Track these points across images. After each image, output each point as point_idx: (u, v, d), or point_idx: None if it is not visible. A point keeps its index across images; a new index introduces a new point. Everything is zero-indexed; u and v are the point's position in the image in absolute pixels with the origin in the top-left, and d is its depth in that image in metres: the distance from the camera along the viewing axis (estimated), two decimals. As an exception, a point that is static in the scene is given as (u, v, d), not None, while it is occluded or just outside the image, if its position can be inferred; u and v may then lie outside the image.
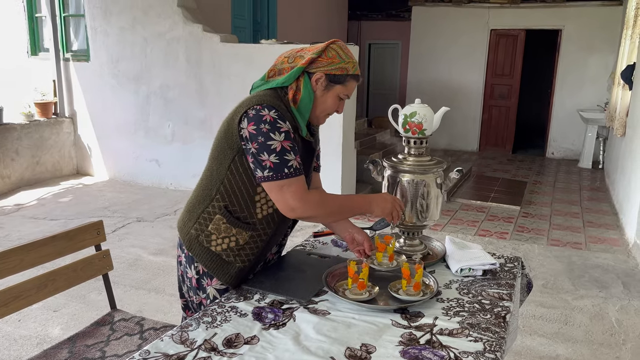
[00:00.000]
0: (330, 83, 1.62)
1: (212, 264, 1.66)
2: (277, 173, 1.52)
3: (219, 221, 1.64)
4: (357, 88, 5.68)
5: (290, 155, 1.53)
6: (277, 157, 1.52)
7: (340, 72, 1.61)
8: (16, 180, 5.96)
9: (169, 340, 1.36)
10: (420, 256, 1.86)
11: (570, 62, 8.55)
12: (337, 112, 1.71)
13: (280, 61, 1.67)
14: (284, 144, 1.52)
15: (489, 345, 1.34)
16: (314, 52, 1.61)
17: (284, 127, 1.53)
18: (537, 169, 7.93)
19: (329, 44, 1.64)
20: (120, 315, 2.06)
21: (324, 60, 1.61)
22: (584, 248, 4.48)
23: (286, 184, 1.54)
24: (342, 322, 1.46)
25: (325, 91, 1.63)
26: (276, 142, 1.52)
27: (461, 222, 5.15)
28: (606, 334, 3.04)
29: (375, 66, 10.99)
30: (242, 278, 1.69)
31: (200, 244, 1.67)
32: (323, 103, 1.65)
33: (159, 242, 4.36)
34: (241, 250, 1.65)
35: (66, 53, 6.52)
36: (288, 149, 1.53)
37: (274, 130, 1.52)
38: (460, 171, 1.78)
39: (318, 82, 1.62)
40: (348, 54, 1.64)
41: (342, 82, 1.63)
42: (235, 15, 6.97)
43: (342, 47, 1.64)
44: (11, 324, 3.02)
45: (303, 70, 1.61)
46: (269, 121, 1.52)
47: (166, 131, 6.07)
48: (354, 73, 1.65)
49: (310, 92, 1.62)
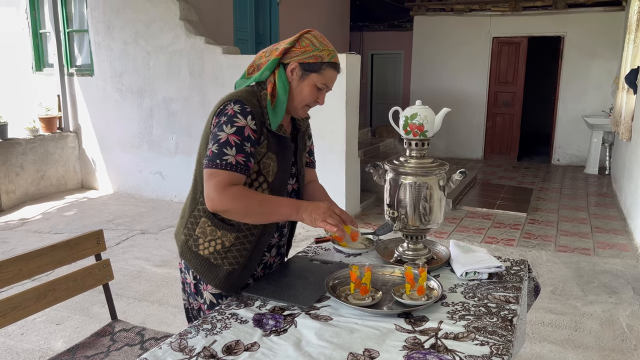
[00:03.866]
0: (305, 72, 1.60)
1: (201, 268, 1.65)
2: (211, 162, 1.50)
3: (204, 224, 1.63)
4: (360, 97, 5.71)
5: (231, 150, 1.50)
6: (217, 147, 1.50)
7: (315, 60, 1.58)
8: (21, 195, 5.97)
9: (167, 348, 1.33)
10: (425, 260, 1.83)
11: (574, 68, 8.53)
12: (318, 103, 1.67)
13: (259, 57, 1.66)
14: (231, 137, 1.51)
15: (495, 349, 1.31)
16: (287, 42, 1.60)
17: (240, 122, 1.52)
18: (543, 176, 7.87)
19: (302, 33, 1.62)
20: (121, 325, 2.03)
21: (297, 50, 1.59)
22: (592, 254, 4.42)
23: (214, 174, 1.50)
24: (344, 327, 1.43)
25: (301, 81, 1.61)
26: (224, 134, 1.51)
27: (467, 229, 5.10)
28: (617, 340, 2.98)
29: (378, 76, 11.01)
30: (234, 282, 1.66)
31: (189, 248, 1.66)
32: (300, 94, 1.62)
33: (162, 254, 4.34)
34: (228, 253, 1.63)
35: (70, 68, 6.57)
36: (232, 144, 1.50)
37: (229, 122, 1.52)
38: (464, 172, 1.75)
39: (293, 73, 1.60)
40: (323, 42, 1.61)
41: (317, 71, 1.60)
42: (238, 28, 7.00)
43: (316, 36, 1.62)
44: (14, 338, 2.99)
45: (278, 61, 1.59)
46: (229, 114, 1.53)
47: (170, 144, 6.08)
48: (330, 61, 1.61)
49: (285, 83, 1.60)
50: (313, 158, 1.91)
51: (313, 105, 1.67)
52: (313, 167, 1.90)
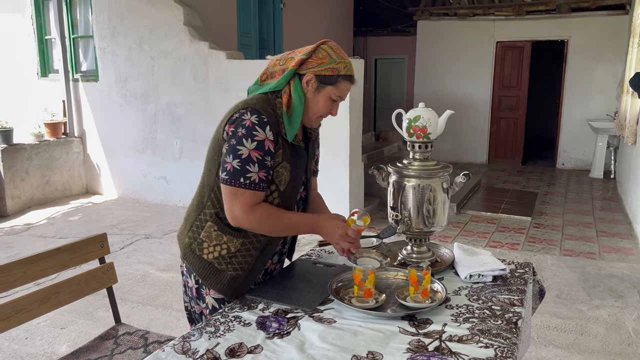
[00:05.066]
0: (321, 84, 1.58)
1: (205, 272, 1.64)
2: (234, 179, 1.50)
3: (210, 229, 1.62)
4: (363, 102, 5.69)
5: (254, 167, 1.50)
6: (239, 164, 1.49)
7: (331, 73, 1.57)
8: (26, 200, 5.99)
9: (170, 351, 1.33)
10: (428, 263, 1.82)
11: (578, 72, 8.51)
12: (331, 114, 1.66)
13: (272, 64, 1.64)
14: (252, 153, 1.49)
15: (500, 352, 1.30)
16: (303, 53, 1.58)
17: (260, 136, 1.50)
18: (548, 180, 7.84)
19: (319, 44, 1.60)
20: (125, 329, 2.03)
21: (313, 61, 1.57)
22: (598, 258, 4.39)
23: (239, 192, 1.51)
24: (348, 330, 1.42)
25: (316, 93, 1.59)
26: (245, 149, 1.49)
27: (472, 233, 5.08)
28: (623, 344, 2.95)
29: (381, 81, 11.02)
30: (237, 288, 1.65)
31: (193, 252, 1.65)
32: (315, 105, 1.61)
33: (166, 259, 4.34)
34: (233, 259, 1.63)
35: (75, 74, 6.60)
36: (254, 160, 1.49)
37: (248, 136, 1.49)
38: (467, 175, 1.75)
39: (309, 84, 1.58)
40: (340, 54, 1.60)
41: (333, 83, 1.59)
42: (242, 33, 7.03)
43: (333, 48, 1.60)
44: (18, 342, 2.99)
45: (294, 72, 1.58)
46: (247, 126, 1.50)
47: (174, 148, 6.10)
48: (346, 73, 1.59)
49: (301, 94, 1.58)
50: (317, 167, 1.88)
51: (326, 116, 1.66)
52: (316, 175, 1.88)
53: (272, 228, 1.59)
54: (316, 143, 1.82)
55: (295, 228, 1.64)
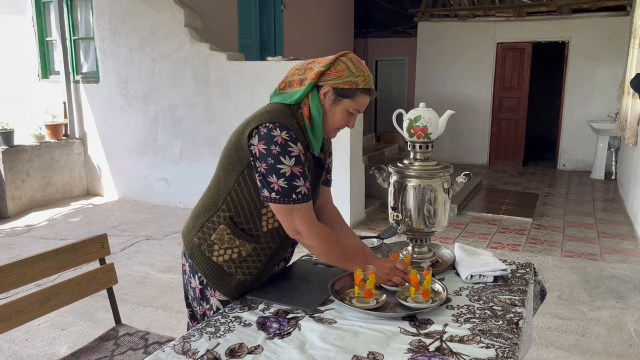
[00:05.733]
0: (338, 97, 1.56)
1: (212, 274, 1.63)
2: (286, 197, 1.50)
3: (222, 231, 1.61)
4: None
5: (300, 181, 1.51)
6: (286, 182, 1.50)
7: (349, 87, 1.55)
8: (27, 202, 5.99)
9: (170, 351, 1.33)
10: (429, 264, 1.82)
11: (579, 73, 8.50)
12: (348, 126, 1.64)
13: (292, 73, 1.63)
14: (294, 169, 1.50)
15: (501, 352, 1.29)
16: (322, 65, 1.56)
17: (295, 151, 1.50)
18: (549, 181, 7.84)
19: (338, 56, 1.58)
20: (125, 329, 2.02)
21: (332, 74, 1.55)
22: (599, 259, 4.38)
23: (295, 209, 1.52)
24: (348, 330, 1.42)
25: (333, 105, 1.58)
26: (286, 166, 1.49)
27: (472, 234, 5.08)
28: (625, 345, 2.94)
29: (382, 82, 11.02)
30: (243, 292, 1.65)
31: (202, 253, 1.64)
32: (332, 117, 1.59)
33: (167, 260, 4.34)
34: (243, 263, 1.62)
35: (76, 75, 6.61)
36: (298, 175, 1.50)
37: (285, 153, 1.49)
38: (468, 175, 1.75)
39: (326, 96, 1.57)
40: (359, 67, 1.57)
41: (351, 97, 1.56)
42: (242, 35, 7.04)
43: (352, 60, 1.57)
44: (18, 343, 2.99)
45: (314, 85, 1.56)
46: (280, 143, 1.48)
47: (175, 150, 6.10)
48: (365, 87, 1.57)
49: (319, 106, 1.57)
50: (330, 176, 1.85)
51: (343, 128, 1.65)
52: (329, 185, 1.85)
53: (328, 253, 1.60)
54: (329, 152, 1.80)
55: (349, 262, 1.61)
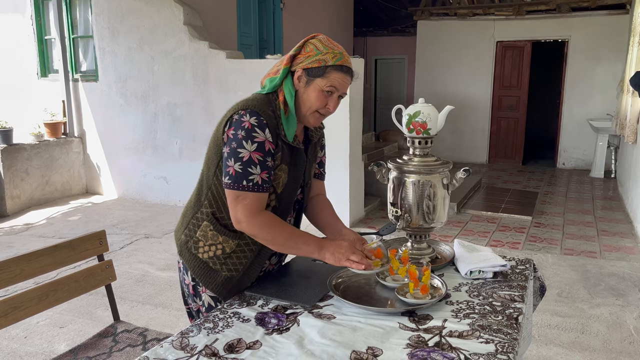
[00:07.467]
0: (309, 78, 1.55)
1: (199, 271, 1.63)
2: (236, 183, 1.48)
3: (206, 228, 1.61)
4: (364, 102, 5.67)
5: (255, 169, 1.48)
6: (241, 167, 1.48)
7: (318, 65, 1.53)
8: (26, 200, 5.98)
9: (168, 347, 1.32)
10: (429, 260, 1.81)
11: (578, 72, 8.50)
12: (328, 109, 1.59)
13: (274, 67, 1.64)
14: (254, 155, 1.48)
15: (501, 347, 1.29)
16: (293, 49, 1.58)
17: (259, 137, 1.48)
18: (548, 180, 7.83)
19: (307, 39, 1.58)
20: (123, 326, 2.02)
21: (301, 56, 1.56)
22: (598, 257, 4.38)
23: (242, 196, 1.49)
24: (347, 325, 1.41)
25: (307, 87, 1.56)
26: (246, 151, 1.47)
27: (472, 233, 5.07)
28: (624, 342, 2.94)
29: (382, 81, 11.02)
30: (232, 289, 1.63)
31: (189, 250, 1.65)
32: (307, 100, 1.56)
33: (166, 258, 4.33)
34: (228, 259, 1.62)
35: (75, 74, 6.60)
36: (255, 162, 1.48)
37: (248, 138, 1.48)
38: (467, 171, 1.74)
39: (300, 80, 1.56)
40: (328, 46, 1.55)
41: (321, 75, 1.54)
42: (242, 33, 7.03)
43: (321, 40, 1.57)
44: (17, 341, 2.98)
45: (288, 70, 1.57)
46: (247, 128, 1.48)
47: (174, 148, 6.09)
48: (335, 64, 1.54)
49: (292, 90, 1.56)
50: (323, 170, 1.84)
51: (324, 111, 1.60)
52: (322, 179, 1.84)
53: (275, 239, 1.53)
54: (319, 145, 1.78)
55: (299, 244, 1.55)
